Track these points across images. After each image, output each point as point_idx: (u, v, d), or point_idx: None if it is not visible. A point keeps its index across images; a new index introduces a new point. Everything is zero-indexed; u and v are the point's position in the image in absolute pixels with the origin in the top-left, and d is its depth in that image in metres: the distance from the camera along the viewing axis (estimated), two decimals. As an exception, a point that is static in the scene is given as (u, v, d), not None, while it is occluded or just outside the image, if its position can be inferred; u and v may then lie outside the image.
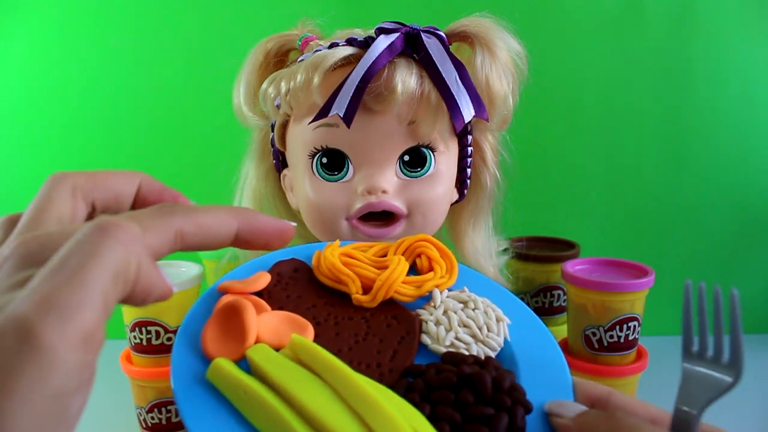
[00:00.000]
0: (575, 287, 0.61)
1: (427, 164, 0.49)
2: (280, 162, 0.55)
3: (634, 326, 0.60)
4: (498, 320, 0.38)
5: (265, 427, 0.29)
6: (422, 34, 0.47)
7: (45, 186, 0.27)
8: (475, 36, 0.49)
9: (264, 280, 0.37)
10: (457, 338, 0.37)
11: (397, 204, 0.48)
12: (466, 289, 0.40)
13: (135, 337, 0.59)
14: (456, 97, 0.46)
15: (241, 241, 0.29)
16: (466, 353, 0.36)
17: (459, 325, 0.37)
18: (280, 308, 0.36)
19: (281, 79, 0.48)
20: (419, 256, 0.42)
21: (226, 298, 0.34)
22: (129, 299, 0.24)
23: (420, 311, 0.39)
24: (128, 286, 0.23)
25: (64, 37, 0.83)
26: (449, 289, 0.40)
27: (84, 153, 0.86)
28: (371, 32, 0.48)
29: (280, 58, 0.54)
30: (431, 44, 0.47)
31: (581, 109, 0.84)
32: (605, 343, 0.60)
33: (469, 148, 0.54)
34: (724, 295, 0.29)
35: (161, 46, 0.83)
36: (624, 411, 0.30)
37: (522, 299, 0.71)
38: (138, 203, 0.30)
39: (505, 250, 0.61)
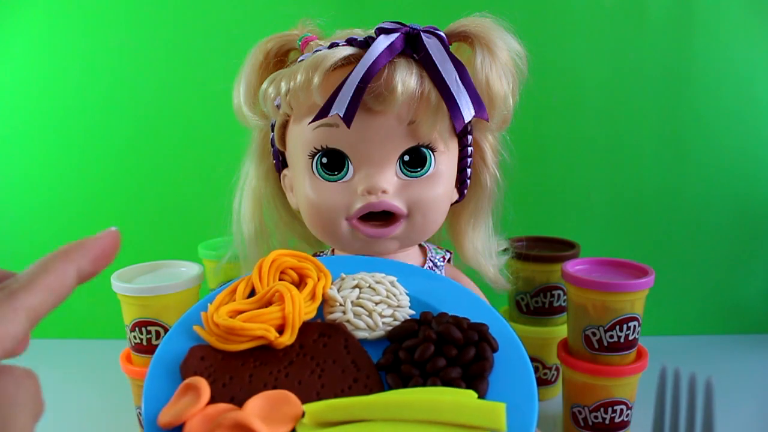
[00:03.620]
0: (575, 287, 0.61)
1: (427, 164, 0.49)
2: (280, 162, 0.55)
3: (634, 326, 0.60)
4: (391, 282, 0.41)
5: None
6: (422, 34, 0.47)
7: None
8: (475, 36, 0.49)
9: (206, 388, 0.34)
10: (382, 316, 0.38)
11: (397, 204, 0.48)
12: (342, 274, 0.42)
13: (135, 337, 0.59)
14: (456, 97, 0.46)
15: (86, 276, 0.28)
16: (397, 323, 0.38)
17: (374, 306, 0.39)
18: (231, 400, 0.34)
19: (281, 79, 0.48)
20: (284, 272, 0.42)
21: (195, 424, 0.31)
22: None
23: (332, 317, 0.39)
24: None
25: (64, 37, 0.83)
26: (333, 284, 0.42)
27: (83, 153, 0.86)
28: (371, 32, 0.48)
29: (280, 58, 0.54)
30: (431, 44, 0.46)
31: (581, 109, 0.84)
32: (605, 343, 0.60)
33: (469, 148, 0.54)
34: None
35: (161, 46, 0.83)
36: None
37: (522, 299, 0.72)
38: None
39: (505, 250, 0.61)
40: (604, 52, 0.82)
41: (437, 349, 0.35)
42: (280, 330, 0.37)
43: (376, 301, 0.39)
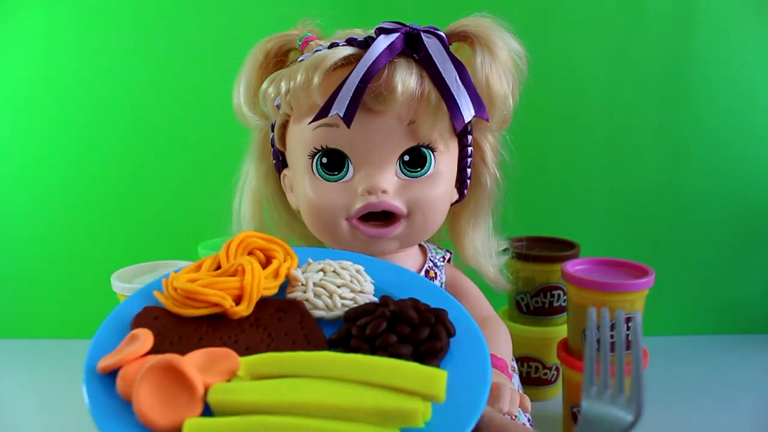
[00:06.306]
0: (575, 287, 0.61)
1: (427, 164, 0.49)
2: (280, 162, 0.55)
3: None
4: (357, 270, 0.41)
5: None
6: (422, 34, 0.47)
7: None
8: (475, 36, 0.49)
9: (148, 339, 0.34)
10: (342, 298, 0.39)
11: (397, 204, 0.48)
12: (310, 260, 0.42)
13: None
14: (456, 97, 0.46)
15: None
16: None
17: (335, 288, 0.39)
18: None
19: (281, 79, 0.48)
20: (251, 252, 0.42)
21: (131, 369, 0.31)
22: None
23: (293, 295, 0.39)
24: None
25: (63, 37, 0.83)
26: (298, 267, 0.42)
27: (83, 152, 0.86)
28: (371, 32, 0.48)
29: (280, 58, 0.54)
30: (431, 44, 0.47)
31: (581, 109, 0.84)
32: (605, 343, 0.60)
33: (469, 148, 0.54)
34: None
35: (161, 46, 0.83)
36: None
37: (522, 299, 0.72)
38: None
39: (505, 250, 0.61)
40: (604, 51, 0.82)
41: (390, 327, 0.34)
42: (239, 301, 0.37)
43: (338, 284, 0.40)
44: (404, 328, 0.34)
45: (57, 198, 0.87)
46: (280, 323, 0.37)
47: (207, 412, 0.30)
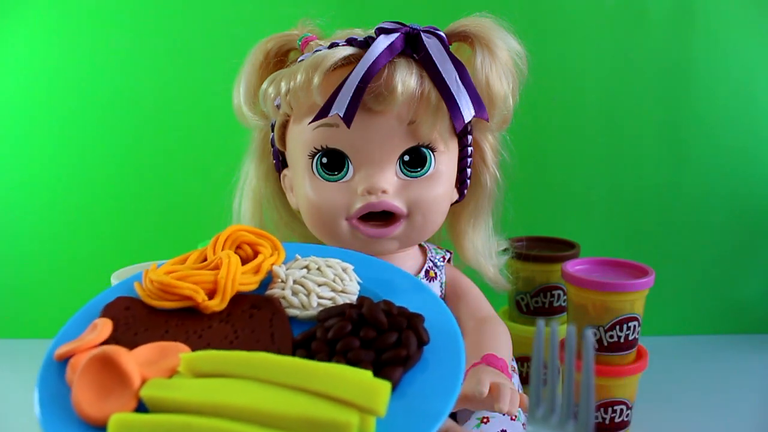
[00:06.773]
0: (575, 287, 0.61)
1: (427, 164, 0.49)
2: (280, 162, 0.55)
3: (634, 326, 0.60)
4: (343, 269, 0.40)
5: None
6: (422, 34, 0.47)
7: None
8: (475, 36, 0.49)
9: (106, 327, 0.34)
10: (320, 297, 0.38)
11: (397, 204, 0.48)
12: (298, 256, 0.41)
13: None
14: (456, 97, 0.46)
15: None
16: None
17: (314, 286, 0.38)
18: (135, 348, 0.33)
19: (281, 79, 0.48)
20: (240, 246, 0.42)
21: (80, 358, 0.31)
22: None
23: (271, 292, 0.39)
24: None
25: (63, 37, 0.83)
26: (284, 263, 0.41)
27: (83, 152, 0.86)
28: (371, 32, 0.48)
29: (280, 58, 0.54)
30: (431, 44, 0.47)
31: (581, 109, 0.84)
32: (605, 343, 0.60)
33: (469, 148, 0.54)
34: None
35: (161, 46, 0.83)
36: None
37: (522, 299, 0.72)
38: None
39: (505, 250, 0.61)
40: (604, 51, 0.82)
41: (354, 330, 0.33)
42: (213, 295, 0.37)
43: (319, 282, 0.39)
44: (369, 332, 0.32)
45: (57, 198, 0.87)
46: (251, 320, 0.36)
47: (144, 407, 0.30)
